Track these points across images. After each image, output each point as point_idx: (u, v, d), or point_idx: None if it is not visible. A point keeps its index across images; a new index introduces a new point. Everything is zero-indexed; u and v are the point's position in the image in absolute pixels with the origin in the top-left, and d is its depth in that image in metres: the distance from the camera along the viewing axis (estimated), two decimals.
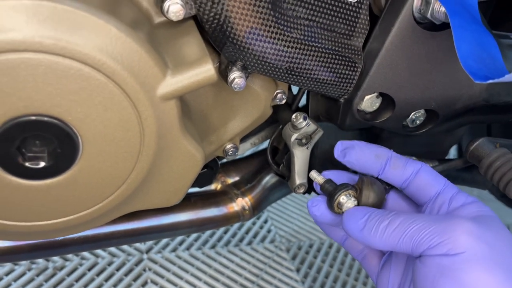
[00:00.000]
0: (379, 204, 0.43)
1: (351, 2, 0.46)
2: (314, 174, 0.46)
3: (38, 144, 0.34)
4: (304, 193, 0.61)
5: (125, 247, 1.02)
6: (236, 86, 0.44)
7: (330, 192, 0.44)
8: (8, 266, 0.92)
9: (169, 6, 0.38)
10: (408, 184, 0.44)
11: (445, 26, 0.46)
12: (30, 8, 0.29)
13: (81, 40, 0.31)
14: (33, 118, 0.32)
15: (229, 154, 0.55)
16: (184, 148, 0.40)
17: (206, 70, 0.37)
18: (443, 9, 0.43)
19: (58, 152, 0.34)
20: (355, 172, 0.49)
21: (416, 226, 0.38)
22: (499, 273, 0.35)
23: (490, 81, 0.37)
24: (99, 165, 0.36)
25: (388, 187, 0.46)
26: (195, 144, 0.42)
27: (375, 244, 0.39)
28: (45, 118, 0.32)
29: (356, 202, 0.43)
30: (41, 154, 0.34)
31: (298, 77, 0.47)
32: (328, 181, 0.45)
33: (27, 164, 0.34)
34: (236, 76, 0.44)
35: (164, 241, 1.06)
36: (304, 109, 0.60)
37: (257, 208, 0.67)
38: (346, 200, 0.42)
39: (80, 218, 0.39)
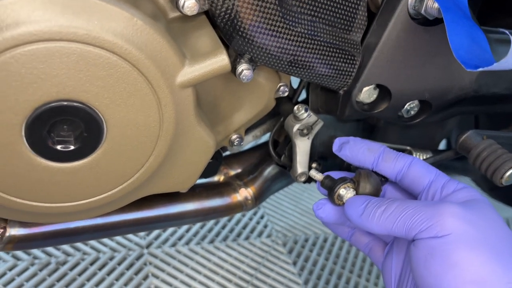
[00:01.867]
0: (376, 194, 0.47)
1: None
2: (313, 172, 0.49)
3: (66, 128, 0.36)
4: (305, 182, 0.64)
5: (125, 242, 1.04)
6: (244, 77, 0.47)
7: (330, 186, 0.47)
8: (11, 261, 0.93)
9: (184, 1, 0.41)
10: (402, 177, 0.47)
11: (438, 21, 0.50)
12: (66, 1, 0.32)
13: (110, 31, 0.33)
14: (64, 103, 0.35)
15: (235, 144, 0.58)
16: (198, 134, 0.43)
17: (221, 60, 0.40)
18: (436, 5, 0.46)
19: (84, 136, 0.37)
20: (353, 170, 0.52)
21: (408, 211, 0.41)
22: (483, 252, 0.38)
23: (480, 69, 0.41)
24: (121, 148, 0.39)
25: (384, 179, 0.49)
26: (208, 131, 0.44)
27: (373, 228, 0.42)
28: (75, 103, 0.35)
29: (354, 193, 0.46)
30: (68, 138, 0.36)
31: (301, 69, 0.50)
32: (327, 177, 0.48)
33: (56, 147, 0.36)
34: (244, 68, 0.47)
35: (164, 236, 1.08)
36: (304, 103, 0.63)
37: (259, 198, 0.69)
38: (346, 192, 0.45)
39: (102, 200, 0.41)
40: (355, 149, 0.49)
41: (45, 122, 0.35)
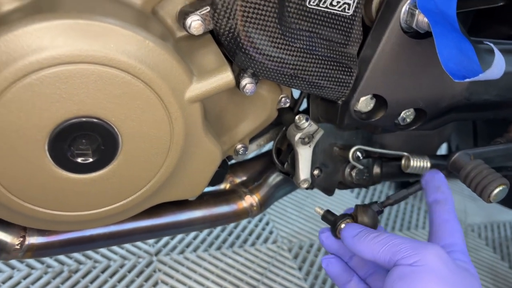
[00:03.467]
0: (373, 227, 0.52)
1: (346, 15, 0.52)
2: (317, 209, 0.57)
3: (84, 142, 0.39)
4: (307, 188, 0.67)
5: (135, 250, 1.07)
6: (247, 91, 0.50)
7: (332, 221, 0.53)
8: (25, 270, 0.96)
9: (191, 22, 0.44)
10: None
11: (428, 34, 0.53)
12: (85, 27, 0.35)
13: (125, 53, 0.37)
14: (84, 119, 0.38)
15: (240, 153, 0.61)
16: (206, 145, 0.46)
17: (226, 76, 0.43)
18: (426, 19, 0.49)
19: (101, 149, 0.40)
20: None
21: (397, 241, 0.45)
22: None
23: (467, 79, 0.44)
24: (135, 160, 0.42)
25: (381, 210, 0.55)
26: (215, 142, 0.47)
27: (361, 250, 0.47)
28: (93, 119, 0.38)
29: None
30: (87, 151, 0.40)
31: (301, 82, 0.53)
32: (328, 211, 0.55)
33: (76, 159, 0.40)
34: (247, 82, 0.50)
35: (172, 243, 1.11)
36: (305, 112, 0.66)
37: (264, 204, 0.72)
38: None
39: (117, 208, 0.44)
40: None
41: (66, 137, 0.38)
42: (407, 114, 0.60)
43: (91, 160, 0.40)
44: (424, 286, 0.41)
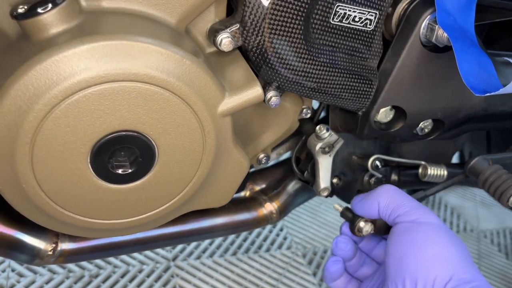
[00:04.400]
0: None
1: (367, 30, 0.54)
2: (336, 206, 0.57)
3: (123, 154, 0.42)
4: (327, 196, 0.68)
5: (153, 255, 1.09)
6: (272, 103, 0.52)
7: (351, 219, 0.54)
8: (47, 275, 0.98)
9: (221, 39, 0.46)
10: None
11: (447, 48, 0.55)
12: (128, 47, 0.38)
13: (164, 71, 0.39)
14: (124, 133, 0.40)
15: (262, 162, 0.63)
16: (235, 156, 0.48)
17: (256, 91, 0.45)
18: (445, 34, 0.51)
19: (139, 160, 0.42)
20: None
21: (399, 200, 0.48)
22: (450, 242, 0.43)
23: (488, 94, 0.45)
24: (169, 171, 0.44)
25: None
26: (243, 153, 0.50)
27: (367, 209, 0.50)
28: (133, 133, 0.40)
29: (373, 226, 0.52)
30: (125, 162, 0.42)
31: (324, 94, 0.55)
32: (347, 208, 0.55)
33: (116, 171, 0.42)
34: (272, 95, 0.52)
35: (189, 249, 1.13)
36: (323, 122, 0.68)
37: (283, 211, 0.74)
38: (365, 225, 0.52)
39: (152, 216, 0.47)
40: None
41: (107, 150, 0.41)
42: (425, 125, 0.61)
43: (129, 171, 0.42)
44: (430, 236, 0.43)
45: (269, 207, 0.73)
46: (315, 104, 0.71)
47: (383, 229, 0.52)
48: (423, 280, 0.41)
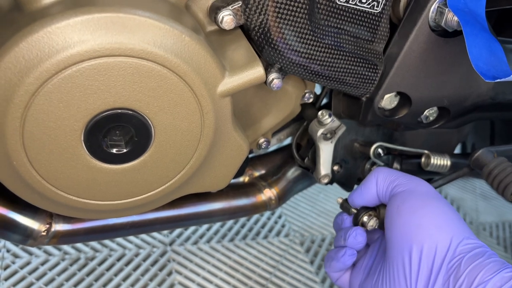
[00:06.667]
0: None
1: (374, 12, 0.52)
2: (340, 200, 0.57)
3: (118, 133, 0.40)
4: (327, 183, 0.67)
5: (150, 239, 1.08)
6: (274, 86, 0.50)
7: (355, 214, 0.53)
8: (43, 256, 0.98)
9: (222, 17, 0.45)
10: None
11: (456, 33, 0.53)
12: (124, 21, 0.36)
13: (162, 47, 0.37)
14: (119, 111, 0.39)
15: (262, 147, 0.62)
16: (234, 139, 0.47)
17: (257, 71, 0.44)
18: (455, 18, 0.49)
19: (135, 140, 0.41)
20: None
21: (397, 176, 0.49)
22: (447, 209, 0.44)
23: (497, 80, 0.44)
24: (166, 151, 0.43)
25: None
26: (242, 136, 0.48)
27: (365, 193, 0.51)
28: (128, 111, 0.39)
29: (377, 221, 0.52)
30: (120, 142, 0.40)
31: (328, 78, 0.54)
32: (346, 200, 0.55)
33: (111, 150, 0.40)
34: (274, 77, 0.50)
35: (186, 234, 1.12)
36: (326, 107, 0.67)
37: (282, 198, 0.73)
38: (368, 219, 0.52)
39: (147, 198, 0.45)
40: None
41: (101, 128, 0.39)
42: (430, 112, 0.60)
43: (124, 151, 0.41)
44: (429, 203, 0.44)
45: (268, 193, 0.72)
46: (318, 88, 0.70)
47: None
48: (429, 245, 0.42)
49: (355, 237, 0.49)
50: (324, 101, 0.70)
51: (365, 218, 0.52)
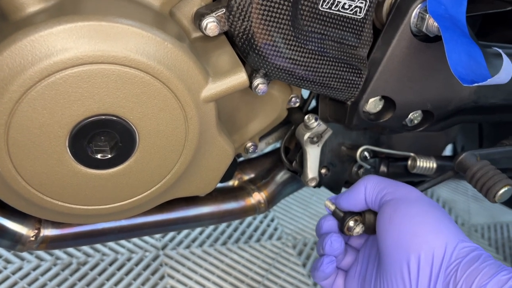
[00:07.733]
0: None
1: (357, 18, 0.53)
2: (328, 203, 0.56)
3: (103, 139, 0.41)
4: (315, 186, 0.68)
5: (142, 244, 1.09)
6: (259, 91, 0.51)
7: (341, 218, 0.53)
8: (35, 261, 0.98)
9: (207, 23, 0.45)
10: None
11: (438, 38, 0.54)
12: (107, 29, 0.36)
13: (144, 54, 0.38)
14: (103, 117, 0.39)
15: (250, 151, 0.63)
16: (219, 143, 0.48)
17: (240, 77, 0.45)
18: (436, 24, 0.50)
19: (119, 145, 0.41)
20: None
21: (386, 184, 0.49)
22: (440, 215, 0.44)
23: (476, 84, 0.45)
24: (151, 156, 0.43)
25: None
26: (227, 140, 0.49)
27: (353, 198, 0.51)
28: (112, 117, 0.39)
29: (363, 227, 0.52)
30: (105, 147, 0.41)
31: (312, 83, 0.54)
32: (337, 208, 0.54)
33: (96, 156, 0.41)
34: (259, 82, 0.51)
35: (178, 238, 1.12)
36: (313, 112, 0.68)
37: (271, 201, 0.74)
38: (354, 225, 0.52)
39: (133, 203, 0.46)
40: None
41: (86, 134, 0.40)
42: (414, 116, 0.61)
43: (109, 156, 0.42)
44: (422, 210, 0.44)
45: (257, 197, 0.73)
46: (305, 93, 0.70)
47: (371, 228, 0.52)
48: (426, 253, 0.41)
49: (331, 245, 0.49)
50: (313, 104, 0.71)
51: (351, 223, 0.52)
